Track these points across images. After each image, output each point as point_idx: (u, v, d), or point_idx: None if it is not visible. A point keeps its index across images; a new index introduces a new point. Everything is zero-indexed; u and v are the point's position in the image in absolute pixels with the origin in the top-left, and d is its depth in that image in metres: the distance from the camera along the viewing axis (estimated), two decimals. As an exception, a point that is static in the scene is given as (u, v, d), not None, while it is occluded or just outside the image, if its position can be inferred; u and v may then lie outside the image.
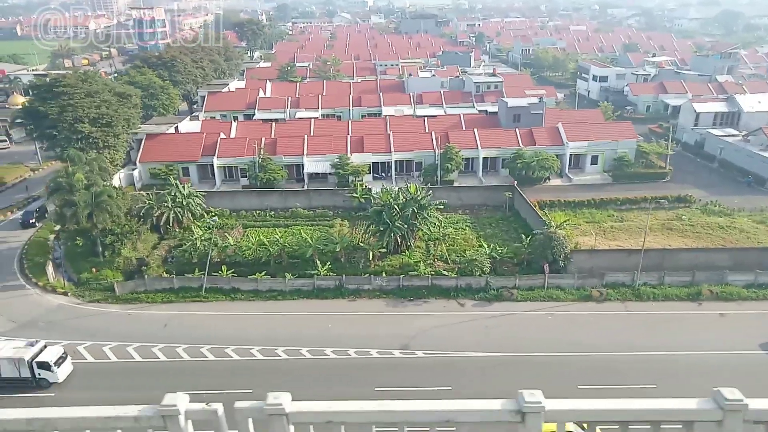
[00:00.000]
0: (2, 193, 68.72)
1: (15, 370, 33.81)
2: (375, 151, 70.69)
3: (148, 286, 45.34)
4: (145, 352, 37.54)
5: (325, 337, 38.77)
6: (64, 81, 60.69)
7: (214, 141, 71.99)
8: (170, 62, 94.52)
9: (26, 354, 34.08)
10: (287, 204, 61.69)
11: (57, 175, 51.64)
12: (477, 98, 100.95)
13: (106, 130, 62.82)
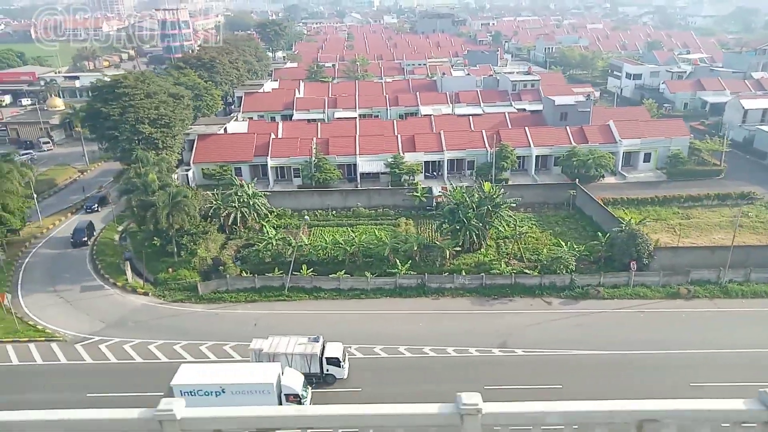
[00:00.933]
0: (57, 195, 68.94)
1: (306, 366, 33.43)
2: (427, 150, 70.66)
3: (229, 285, 45.43)
4: (243, 350, 37.58)
5: (419, 335, 38.77)
6: (125, 82, 60.85)
7: (266, 141, 72.13)
8: (209, 63, 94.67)
9: (317, 349, 33.60)
10: (347, 203, 61.73)
11: (128, 176, 51.90)
12: (513, 97, 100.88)
13: (165, 131, 63.04)
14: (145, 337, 39.49)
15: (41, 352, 38.00)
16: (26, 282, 48.04)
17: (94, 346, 38.66)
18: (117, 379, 35.12)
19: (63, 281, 48.25)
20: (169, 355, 37.33)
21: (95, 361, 37.00)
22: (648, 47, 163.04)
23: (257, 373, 31.00)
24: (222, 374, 31.17)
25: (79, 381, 35.14)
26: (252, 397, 29.14)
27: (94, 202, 62.81)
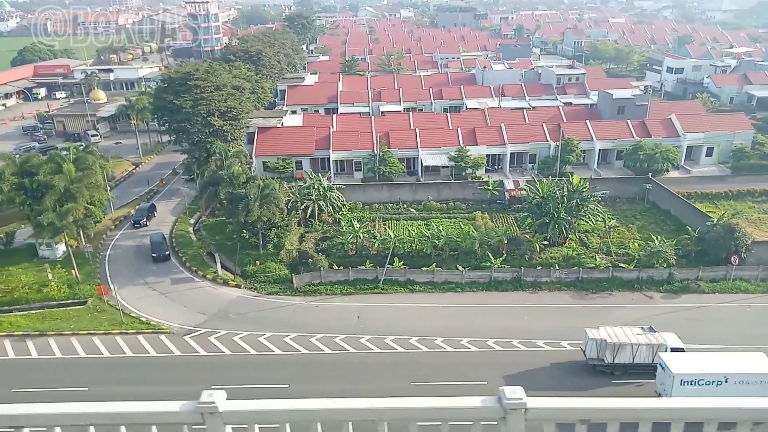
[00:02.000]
0: (117, 187, 68.90)
1: (650, 356, 32.51)
2: (489, 144, 70.34)
3: (323, 278, 45.36)
4: (356, 343, 37.56)
5: (528, 329, 38.64)
6: (197, 75, 60.65)
7: (326, 135, 71.96)
8: (256, 56, 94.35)
9: (662, 340, 32.74)
10: (416, 197, 61.59)
11: (212, 169, 51.82)
12: (558, 91, 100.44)
13: (233, 124, 62.91)
14: (252, 329, 39.49)
15: (152, 344, 38.02)
16: (115, 274, 48.07)
17: (204, 338, 38.68)
18: (236, 372, 35.10)
19: (150, 273, 48.27)
20: (283, 348, 37.32)
21: (209, 353, 36.99)
22: (678, 42, 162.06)
23: (759, 363, 29.42)
24: (716, 363, 29.82)
25: (198, 373, 35.10)
26: (751, 387, 27.85)
27: (142, 216, 57.94)
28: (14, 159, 50.11)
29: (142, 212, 58.08)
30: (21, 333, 39.39)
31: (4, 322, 40.29)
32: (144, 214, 57.79)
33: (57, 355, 37.10)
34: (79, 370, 35.74)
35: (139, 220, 56.79)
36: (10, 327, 39.94)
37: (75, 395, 32.32)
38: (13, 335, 39.26)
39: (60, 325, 40.31)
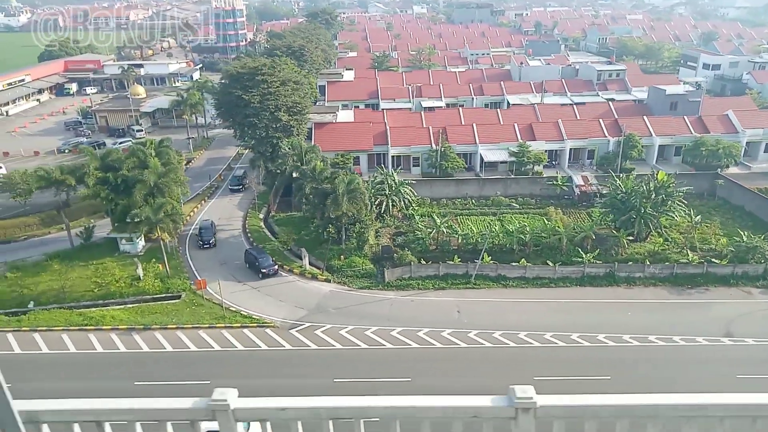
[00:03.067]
0: (176, 182, 68.72)
1: None
2: (548, 139, 70.25)
3: (413, 272, 45.36)
4: (464, 337, 37.56)
5: (633, 324, 38.64)
6: (264, 69, 60.49)
7: (382, 130, 71.87)
8: (299, 51, 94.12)
9: None
10: (483, 192, 61.58)
11: (295, 164, 51.77)
12: (599, 87, 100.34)
13: (298, 119, 62.81)
14: (356, 323, 39.49)
15: (261, 338, 38.01)
16: (201, 269, 48.00)
17: (310, 332, 38.66)
18: (352, 366, 35.08)
19: (236, 268, 48.21)
20: (393, 342, 37.31)
21: (320, 347, 36.98)
22: (703, 38, 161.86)
23: None
24: None
25: (315, 368, 35.06)
26: None
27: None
28: (96, 154, 49.98)
29: (208, 232, 52.90)
30: (126, 327, 39.35)
31: (107, 316, 40.24)
32: (211, 234, 52.95)
33: (168, 349, 37.05)
34: (195, 363, 35.67)
35: (209, 240, 52.02)
36: (113, 321, 39.90)
37: (198, 388, 32.27)
38: (118, 329, 39.21)
39: (161, 319, 40.26)
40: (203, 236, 52.03)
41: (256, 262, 47.02)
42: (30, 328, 39.20)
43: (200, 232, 52.76)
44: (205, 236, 52.03)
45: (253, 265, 47.33)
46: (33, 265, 48.15)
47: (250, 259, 47.96)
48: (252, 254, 48.16)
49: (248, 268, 47.71)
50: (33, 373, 34.46)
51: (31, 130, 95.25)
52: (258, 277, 46.31)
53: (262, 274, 46.36)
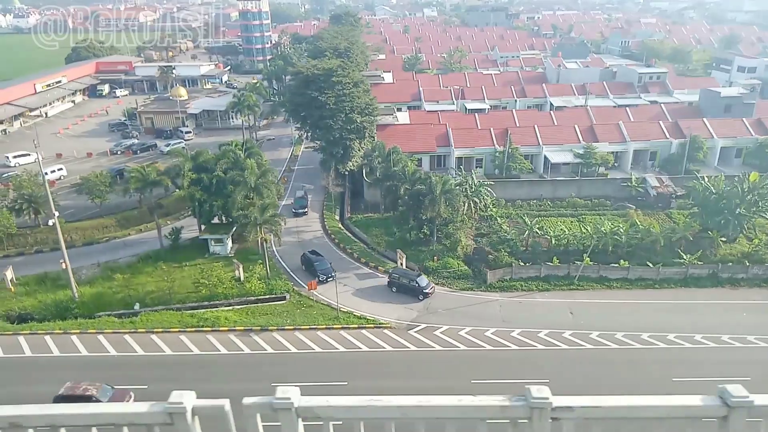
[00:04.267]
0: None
1: None
2: (611, 141, 70.44)
3: (514, 274, 45.36)
4: (586, 338, 37.61)
5: (752, 324, 38.76)
6: (339, 71, 60.46)
7: (443, 132, 71.97)
8: (345, 51, 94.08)
9: None
10: (557, 193, 61.71)
11: (386, 165, 51.69)
12: (640, 89, 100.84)
13: (370, 120, 62.79)
14: (472, 324, 39.46)
15: (382, 339, 37.90)
16: (295, 270, 47.85)
17: (429, 333, 38.59)
18: (485, 367, 35.02)
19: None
20: (517, 343, 37.32)
21: (445, 348, 36.89)
22: (724, 42, 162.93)
23: None
24: None
25: (446, 368, 34.97)
26: None
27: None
28: (188, 155, 49.77)
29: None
30: (243, 328, 39.15)
31: (221, 317, 40.02)
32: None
33: (292, 350, 36.87)
34: (323, 364, 35.51)
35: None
36: (227, 322, 39.69)
37: (338, 390, 32.16)
38: (235, 330, 39.02)
39: (275, 320, 40.09)
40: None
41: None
42: (146, 330, 38.95)
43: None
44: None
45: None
46: (127, 266, 47.88)
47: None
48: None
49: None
50: (162, 373, 34.22)
51: (75, 132, 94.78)
52: (419, 299, 42.91)
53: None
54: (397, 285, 43.90)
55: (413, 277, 43.77)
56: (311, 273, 45.92)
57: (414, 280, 43.31)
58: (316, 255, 47.55)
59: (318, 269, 45.70)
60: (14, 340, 37.83)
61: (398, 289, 43.75)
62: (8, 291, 43.72)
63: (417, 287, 42.81)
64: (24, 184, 53.67)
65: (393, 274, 44.63)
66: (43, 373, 34.52)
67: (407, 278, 43.81)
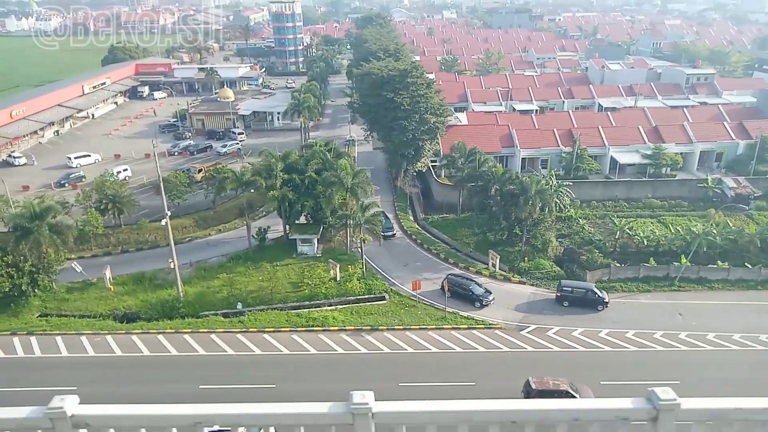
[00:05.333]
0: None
1: None
2: (677, 142, 69.98)
3: (611, 275, 45.06)
4: (708, 340, 37.27)
5: None
6: (414, 72, 60.44)
7: (506, 132, 71.80)
8: (395, 53, 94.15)
9: None
10: (631, 194, 61.36)
11: (473, 166, 51.56)
12: (688, 90, 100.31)
13: (443, 120, 62.73)
14: (581, 325, 39.19)
15: (496, 340, 37.68)
16: (385, 269, 47.72)
17: (542, 333, 38.39)
18: (611, 368, 34.75)
19: (419, 269, 47.79)
20: (635, 344, 36.98)
21: (563, 350, 36.63)
22: (760, 42, 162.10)
23: None
24: None
25: (565, 369, 34.67)
26: None
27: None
28: (278, 156, 49.77)
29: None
30: (353, 327, 39.07)
31: (329, 317, 39.95)
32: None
33: (408, 350, 36.73)
34: (443, 365, 35.33)
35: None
36: (335, 321, 39.62)
37: (468, 390, 31.98)
38: (346, 329, 38.94)
39: (382, 320, 39.99)
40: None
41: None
42: (257, 330, 38.91)
43: None
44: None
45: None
46: (218, 266, 47.94)
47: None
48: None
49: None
50: (285, 373, 34.16)
51: (126, 133, 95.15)
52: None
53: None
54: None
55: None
56: (464, 298, 42.16)
57: (593, 291, 41.42)
58: (463, 278, 44.13)
59: (475, 294, 42.29)
60: (128, 339, 37.91)
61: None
62: (108, 290, 43.82)
63: (597, 298, 41.00)
64: (107, 185, 53.89)
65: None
66: (174, 373, 34.56)
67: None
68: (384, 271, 47.65)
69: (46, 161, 79.59)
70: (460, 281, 43.31)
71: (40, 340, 37.69)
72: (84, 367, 35.30)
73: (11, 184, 70.15)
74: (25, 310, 40.88)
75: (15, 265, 39.58)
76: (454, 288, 42.33)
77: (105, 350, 36.61)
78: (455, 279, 43.64)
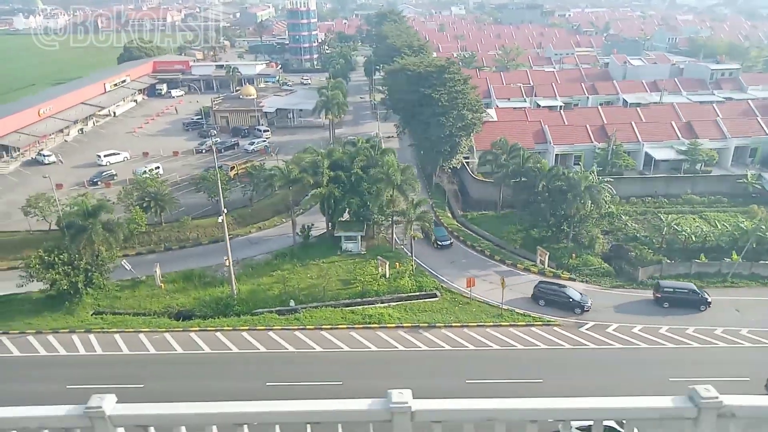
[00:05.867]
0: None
1: None
2: (711, 137, 69.62)
3: (663, 271, 44.85)
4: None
5: None
6: (452, 68, 60.18)
7: (539, 128, 71.55)
8: (419, 49, 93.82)
9: None
10: (670, 190, 61.05)
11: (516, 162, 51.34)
12: (712, 86, 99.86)
13: (479, 116, 62.49)
14: (640, 322, 39.02)
15: (556, 337, 37.49)
16: (433, 267, 47.57)
17: (602, 330, 38.26)
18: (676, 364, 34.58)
19: (469, 266, 47.60)
20: (697, 341, 36.77)
21: (624, 347, 36.43)
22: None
23: None
24: None
25: (635, 366, 34.55)
26: None
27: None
28: (323, 153, 49.59)
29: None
30: (410, 324, 38.95)
31: (384, 314, 39.84)
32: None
33: (469, 347, 36.60)
34: (506, 361, 35.20)
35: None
36: (390, 319, 39.51)
37: (536, 387, 31.83)
38: (403, 326, 38.83)
39: (436, 317, 39.84)
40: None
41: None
42: (315, 327, 38.82)
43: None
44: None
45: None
46: (265, 264, 47.85)
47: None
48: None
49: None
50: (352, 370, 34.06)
51: (149, 131, 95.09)
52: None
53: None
54: (672, 299, 40.47)
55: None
56: (560, 306, 40.80)
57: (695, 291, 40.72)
58: (553, 284, 42.73)
59: (574, 300, 40.67)
60: (187, 337, 37.85)
61: (672, 303, 40.12)
62: (158, 288, 43.76)
63: (700, 298, 40.16)
64: (148, 182, 53.81)
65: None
66: (239, 370, 34.48)
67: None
68: (431, 268, 47.49)
69: (74, 159, 79.55)
70: (553, 288, 41.95)
71: (99, 337, 37.65)
72: (145, 364, 35.24)
73: (44, 182, 70.32)
74: (79, 308, 40.82)
75: (71, 263, 39.49)
76: (548, 296, 41.38)
77: (165, 348, 36.55)
78: (547, 286, 42.24)
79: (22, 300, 42.02)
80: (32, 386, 32.20)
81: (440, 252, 50.33)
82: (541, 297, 41.42)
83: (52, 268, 38.82)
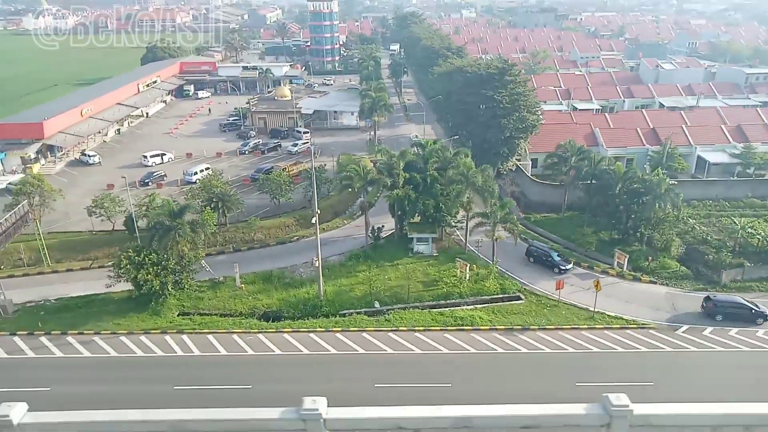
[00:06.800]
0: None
1: None
2: (762, 141, 69.60)
3: (745, 274, 44.71)
4: None
5: None
6: (513, 70, 60.09)
7: (589, 131, 71.48)
8: (457, 51, 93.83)
9: None
10: (730, 194, 60.91)
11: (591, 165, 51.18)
12: (747, 89, 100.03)
13: (538, 118, 62.36)
14: (731, 325, 38.84)
15: (655, 340, 37.25)
16: (510, 269, 47.27)
17: (698, 333, 38.09)
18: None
19: (540, 269, 47.28)
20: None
21: (727, 350, 36.21)
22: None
23: None
24: None
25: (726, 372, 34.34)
26: None
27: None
28: (397, 154, 49.38)
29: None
30: (503, 327, 38.70)
31: (475, 316, 39.56)
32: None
33: (569, 350, 36.34)
34: (609, 363, 34.96)
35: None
36: (481, 321, 39.25)
37: (646, 391, 31.60)
38: (497, 329, 38.58)
39: (527, 319, 39.62)
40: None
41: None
42: (407, 329, 38.53)
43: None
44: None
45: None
46: (340, 265, 47.57)
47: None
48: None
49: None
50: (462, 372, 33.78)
51: (186, 131, 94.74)
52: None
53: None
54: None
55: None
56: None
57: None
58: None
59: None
60: (281, 338, 37.52)
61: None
62: (240, 289, 43.44)
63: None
64: (214, 183, 53.53)
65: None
66: (342, 371, 34.17)
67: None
68: (508, 270, 47.23)
69: (116, 160, 79.18)
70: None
71: (193, 338, 37.30)
72: (247, 365, 34.85)
73: (92, 183, 69.95)
74: (164, 309, 40.47)
75: (160, 264, 39.17)
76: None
77: (263, 349, 36.21)
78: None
79: (104, 300, 41.65)
80: (140, 387, 31.84)
81: (511, 254, 50.03)
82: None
83: (142, 269, 38.46)
